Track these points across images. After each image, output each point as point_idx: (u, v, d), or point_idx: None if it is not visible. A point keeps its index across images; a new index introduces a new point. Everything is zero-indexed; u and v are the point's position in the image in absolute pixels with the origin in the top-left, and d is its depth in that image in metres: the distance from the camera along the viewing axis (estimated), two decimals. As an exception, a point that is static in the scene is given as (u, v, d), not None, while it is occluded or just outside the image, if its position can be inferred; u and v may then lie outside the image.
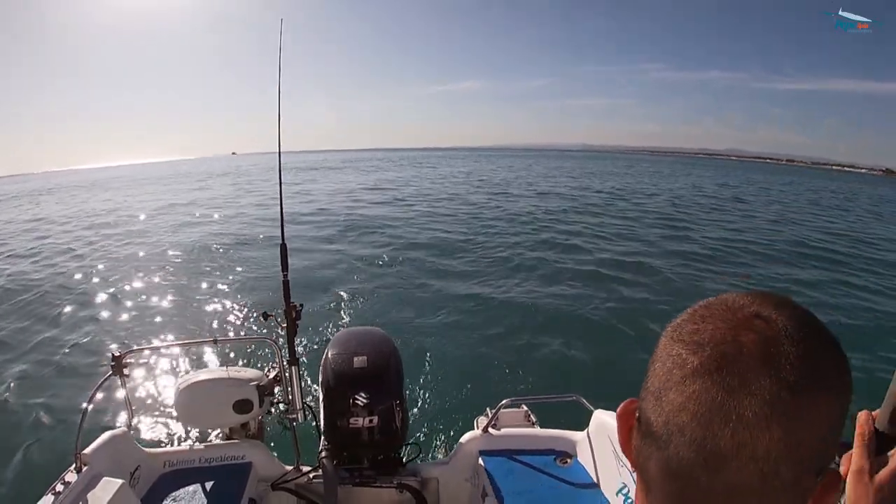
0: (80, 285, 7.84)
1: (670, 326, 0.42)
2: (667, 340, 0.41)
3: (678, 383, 0.37)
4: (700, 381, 0.36)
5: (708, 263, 10.00)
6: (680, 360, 0.38)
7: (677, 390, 0.37)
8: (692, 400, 0.36)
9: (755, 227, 15.21)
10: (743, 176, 52.22)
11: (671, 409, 0.37)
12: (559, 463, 1.90)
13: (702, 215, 17.29)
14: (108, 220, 15.32)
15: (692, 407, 0.36)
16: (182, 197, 22.45)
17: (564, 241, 11.54)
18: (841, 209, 23.77)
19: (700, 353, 0.37)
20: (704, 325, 0.38)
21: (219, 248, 10.14)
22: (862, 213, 22.94)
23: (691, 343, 0.38)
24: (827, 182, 57.38)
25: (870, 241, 13.88)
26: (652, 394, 0.40)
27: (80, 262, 9.37)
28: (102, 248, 10.76)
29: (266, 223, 13.02)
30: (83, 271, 8.57)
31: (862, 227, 17.36)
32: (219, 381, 1.92)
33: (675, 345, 0.39)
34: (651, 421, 0.40)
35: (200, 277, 8.00)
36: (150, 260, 9.09)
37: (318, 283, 7.54)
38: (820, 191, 37.75)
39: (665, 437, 0.38)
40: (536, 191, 23.89)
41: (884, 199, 34.64)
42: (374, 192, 22.35)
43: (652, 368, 0.41)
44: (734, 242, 12.15)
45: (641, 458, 0.42)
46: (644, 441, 0.41)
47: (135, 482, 1.71)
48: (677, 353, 0.38)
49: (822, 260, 10.73)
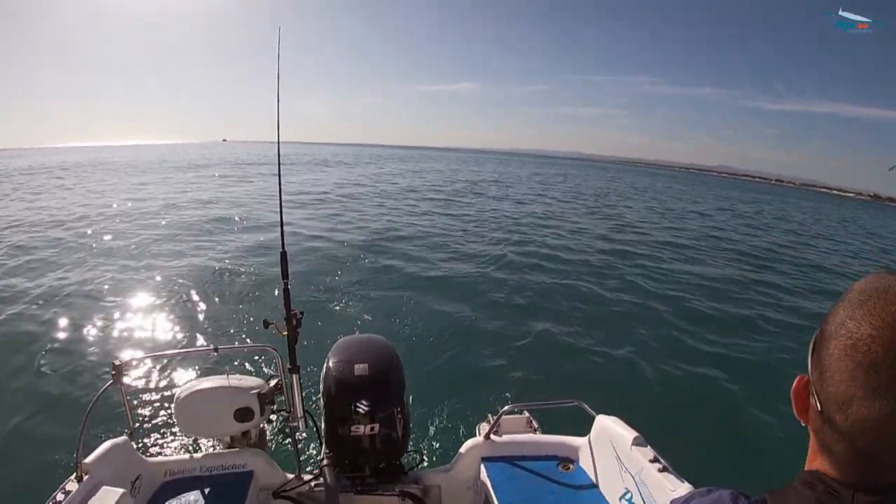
0: (79, 291, 7.83)
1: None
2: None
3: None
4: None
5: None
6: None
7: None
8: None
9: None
10: (781, 201, 51.27)
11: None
12: (561, 469, 1.89)
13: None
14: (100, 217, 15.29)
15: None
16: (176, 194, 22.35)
17: (564, 249, 11.55)
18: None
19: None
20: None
21: (220, 254, 10.14)
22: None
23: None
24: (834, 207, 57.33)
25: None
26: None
27: (77, 266, 9.37)
28: (101, 249, 10.75)
29: (266, 223, 13.01)
30: (83, 274, 8.57)
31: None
32: (219, 389, 1.92)
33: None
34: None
35: (200, 285, 8.00)
36: (149, 268, 9.08)
37: (318, 290, 7.53)
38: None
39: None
40: (558, 198, 23.97)
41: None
42: (372, 191, 22.38)
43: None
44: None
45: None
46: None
47: (136, 491, 1.70)
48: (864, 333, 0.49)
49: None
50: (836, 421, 0.51)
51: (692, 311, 7.80)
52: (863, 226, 33.62)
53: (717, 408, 4.84)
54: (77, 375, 5.07)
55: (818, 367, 0.54)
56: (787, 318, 7.95)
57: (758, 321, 7.64)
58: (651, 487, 1.51)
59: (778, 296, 9.39)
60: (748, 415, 4.70)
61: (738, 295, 9.06)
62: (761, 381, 5.38)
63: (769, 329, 7.33)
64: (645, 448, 1.63)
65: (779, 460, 3.89)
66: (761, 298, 9.02)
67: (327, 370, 1.94)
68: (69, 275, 8.50)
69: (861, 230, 29.14)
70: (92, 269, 8.90)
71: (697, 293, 8.79)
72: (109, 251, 10.20)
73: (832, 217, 38.50)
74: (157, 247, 10.61)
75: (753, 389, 5.14)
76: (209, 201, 17.51)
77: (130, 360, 1.87)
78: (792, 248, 16.02)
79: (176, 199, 17.75)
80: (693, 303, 8.22)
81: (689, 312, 7.66)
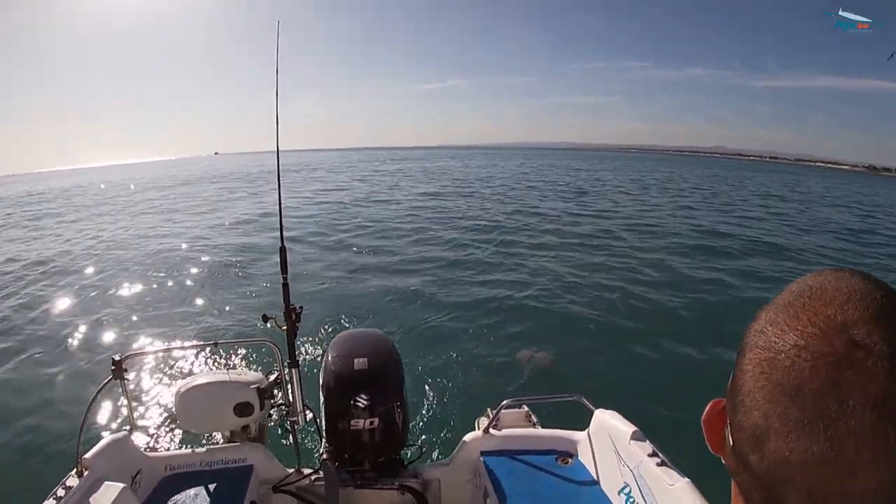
0: (79, 290, 7.83)
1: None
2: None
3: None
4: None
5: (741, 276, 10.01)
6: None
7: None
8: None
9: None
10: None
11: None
12: (560, 463, 1.89)
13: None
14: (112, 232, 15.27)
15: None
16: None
17: (567, 243, 11.55)
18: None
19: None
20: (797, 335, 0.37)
21: (219, 251, 10.14)
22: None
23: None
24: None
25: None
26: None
27: (77, 264, 9.37)
28: (101, 251, 10.75)
29: (265, 225, 13.02)
30: (82, 275, 8.57)
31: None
32: (219, 384, 1.92)
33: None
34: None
35: (200, 280, 8.00)
36: (149, 264, 9.08)
37: (318, 285, 7.54)
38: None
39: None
40: (558, 190, 23.98)
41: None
42: (373, 192, 22.37)
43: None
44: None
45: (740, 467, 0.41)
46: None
47: (136, 486, 1.71)
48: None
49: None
50: (749, 461, 0.39)
51: (692, 303, 7.81)
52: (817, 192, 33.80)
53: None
54: (77, 371, 5.08)
55: (732, 389, 0.41)
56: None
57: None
58: (650, 481, 1.52)
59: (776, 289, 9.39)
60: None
61: (738, 290, 9.06)
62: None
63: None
64: (644, 442, 1.64)
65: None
66: (761, 297, 9.02)
67: (326, 364, 1.94)
68: (69, 272, 8.50)
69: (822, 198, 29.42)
70: (91, 267, 8.89)
71: (697, 287, 8.80)
72: (109, 251, 10.19)
73: (812, 190, 38.46)
74: (157, 244, 10.61)
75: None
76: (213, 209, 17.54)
77: (130, 355, 1.87)
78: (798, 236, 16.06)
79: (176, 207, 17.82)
80: (693, 296, 8.23)
81: (689, 305, 7.67)
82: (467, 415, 3.82)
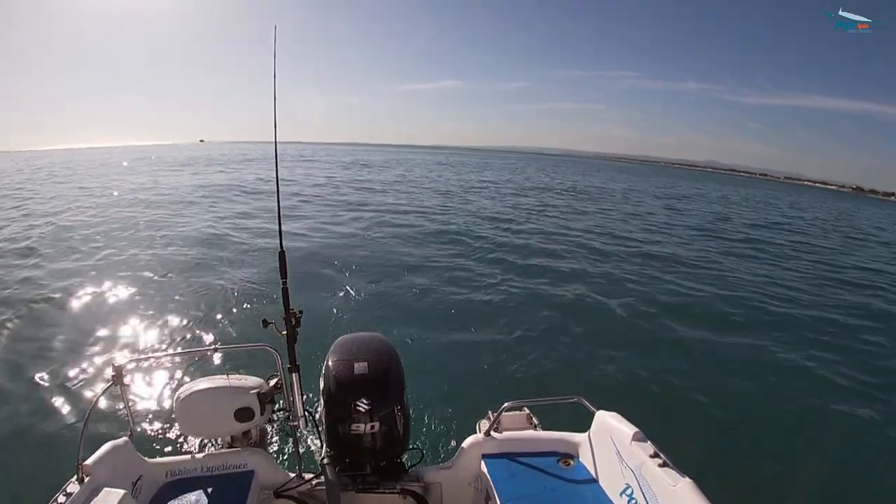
0: (78, 294, 7.81)
1: None
2: None
3: None
4: None
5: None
6: None
7: None
8: None
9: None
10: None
11: None
12: (562, 464, 1.89)
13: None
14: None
15: None
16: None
17: (567, 247, 11.55)
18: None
19: None
20: None
21: (218, 254, 10.12)
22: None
23: None
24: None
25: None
26: None
27: (76, 267, 9.35)
28: (99, 252, 10.73)
29: (265, 224, 12.99)
30: (82, 276, 8.55)
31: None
32: (219, 389, 1.91)
33: None
34: None
35: (200, 285, 7.98)
36: (148, 268, 9.06)
37: (317, 289, 7.52)
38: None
39: None
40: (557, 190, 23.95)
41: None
42: (374, 193, 22.35)
43: None
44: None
45: None
46: None
47: (137, 492, 1.70)
48: None
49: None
50: None
51: (692, 307, 7.82)
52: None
53: (717, 403, 4.84)
54: (77, 376, 5.06)
55: None
56: (789, 311, 7.98)
57: (762, 315, 7.66)
58: (651, 482, 1.52)
59: (778, 291, 9.41)
60: (748, 410, 4.72)
61: (739, 291, 9.08)
62: (761, 375, 5.40)
63: (768, 321, 7.36)
64: (645, 443, 1.63)
65: (779, 455, 3.90)
66: (761, 294, 9.04)
67: (327, 369, 1.93)
68: (68, 275, 8.48)
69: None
70: (91, 269, 8.88)
71: (698, 290, 8.81)
72: (108, 250, 10.18)
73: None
74: (156, 248, 10.59)
75: (754, 384, 5.16)
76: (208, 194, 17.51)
77: (130, 360, 1.86)
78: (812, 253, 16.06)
79: (171, 196, 17.76)
80: (693, 299, 8.23)
81: (688, 309, 7.68)
82: (468, 417, 3.81)
